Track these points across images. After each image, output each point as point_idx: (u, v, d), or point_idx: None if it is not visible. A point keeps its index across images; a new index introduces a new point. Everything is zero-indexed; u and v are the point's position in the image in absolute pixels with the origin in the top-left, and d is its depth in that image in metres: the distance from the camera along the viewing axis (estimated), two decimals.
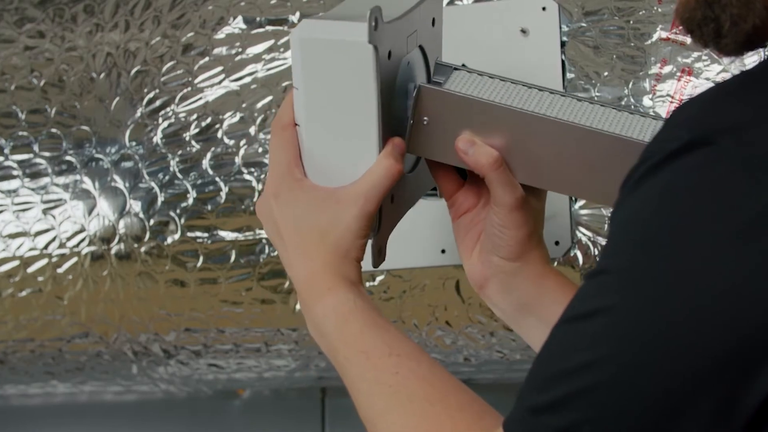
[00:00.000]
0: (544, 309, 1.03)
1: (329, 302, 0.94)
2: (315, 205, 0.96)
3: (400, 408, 0.88)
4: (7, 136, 1.53)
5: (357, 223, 0.95)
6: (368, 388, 0.90)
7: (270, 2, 1.41)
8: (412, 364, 0.90)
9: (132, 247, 1.45)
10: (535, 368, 0.77)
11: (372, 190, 0.95)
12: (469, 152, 0.99)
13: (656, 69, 1.23)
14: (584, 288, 0.75)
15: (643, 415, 0.71)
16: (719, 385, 0.70)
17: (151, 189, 1.44)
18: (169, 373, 1.55)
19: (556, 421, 0.73)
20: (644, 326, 0.71)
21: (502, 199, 1.00)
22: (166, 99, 1.44)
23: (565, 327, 0.75)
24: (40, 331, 1.53)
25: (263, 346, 1.46)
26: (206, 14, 1.44)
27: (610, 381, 0.71)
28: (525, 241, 1.02)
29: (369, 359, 0.91)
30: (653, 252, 0.71)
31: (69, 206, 1.49)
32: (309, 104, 0.97)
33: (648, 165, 0.73)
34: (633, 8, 1.24)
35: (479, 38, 1.30)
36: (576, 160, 0.99)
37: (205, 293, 1.43)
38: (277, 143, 0.99)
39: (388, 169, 0.96)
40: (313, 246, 0.95)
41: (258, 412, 1.93)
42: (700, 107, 0.74)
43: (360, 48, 0.93)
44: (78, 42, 1.51)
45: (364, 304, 0.94)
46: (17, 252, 1.52)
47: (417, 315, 1.35)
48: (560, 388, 0.73)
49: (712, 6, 0.79)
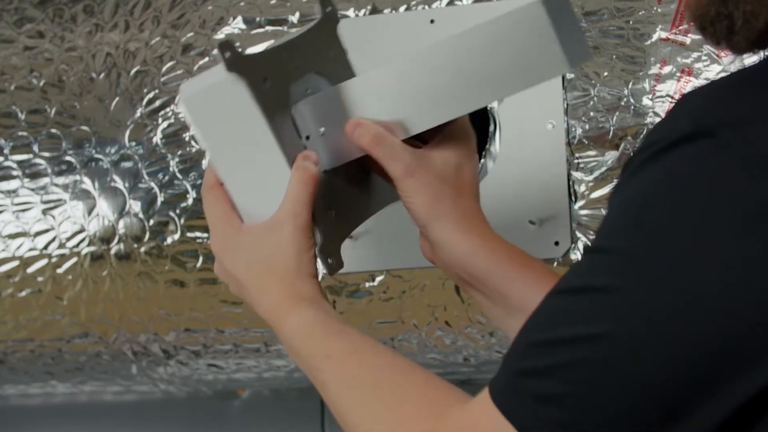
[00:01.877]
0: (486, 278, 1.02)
1: (292, 323, 0.97)
2: (256, 243, 1.00)
3: (367, 396, 0.90)
4: (7, 137, 1.53)
5: (294, 241, 0.98)
6: (337, 387, 0.92)
7: (270, 2, 1.41)
8: (373, 357, 0.93)
9: (132, 247, 1.45)
10: (524, 333, 0.78)
11: (296, 205, 0.98)
12: (355, 134, 1.01)
13: (656, 69, 1.23)
14: (581, 263, 0.76)
15: (629, 397, 0.72)
16: (712, 377, 0.71)
17: (151, 189, 1.44)
18: (169, 373, 1.55)
19: (540, 388, 0.74)
20: (637, 310, 0.72)
21: (394, 171, 1.00)
22: (166, 99, 1.44)
23: (558, 298, 0.76)
24: (39, 331, 1.53)
25: (263, 346, 1.46)
26: (206, 14, 1.44)
27: (599, 358, 0.72)
28: (433, 204, 1.01)
29: (333, 361, 0.94)
30: (650, 237, 0.72)
31: (69, 206, 1.49)
32: (215, 156, 1.01)
33: (650, 151, 0.73)
34: (633, 8, 1.24)
35: None
36: (443, 76, 1.00)
37: (204, 293, 1.43)
38: (209, 203, 1.03)
39: (301, 179, 0.98)
40: (265, 279, 0.99)
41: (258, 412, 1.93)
42: (705, 100, 0.75)
43: (228, 82, 0.98)
44: (78, 42, 1.51)
45: (324, 316, 0.97)
46: (17, 252, 1.52)
47: (417, 315, 1.35)
48: (548, 357, 0.74)
49: (726, 3, 0.79)
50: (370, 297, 1.36)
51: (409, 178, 1.00)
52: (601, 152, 1.25)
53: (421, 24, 1.32)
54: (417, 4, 1.34)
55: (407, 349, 1.38)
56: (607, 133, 1.24)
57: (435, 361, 1.40)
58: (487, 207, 1.25)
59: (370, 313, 1.36)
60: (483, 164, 1.30)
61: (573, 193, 1.26)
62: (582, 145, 1.26)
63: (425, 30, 1.32)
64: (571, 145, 1.26)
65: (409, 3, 1.34)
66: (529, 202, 1.28)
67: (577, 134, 1.26)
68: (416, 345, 1.37)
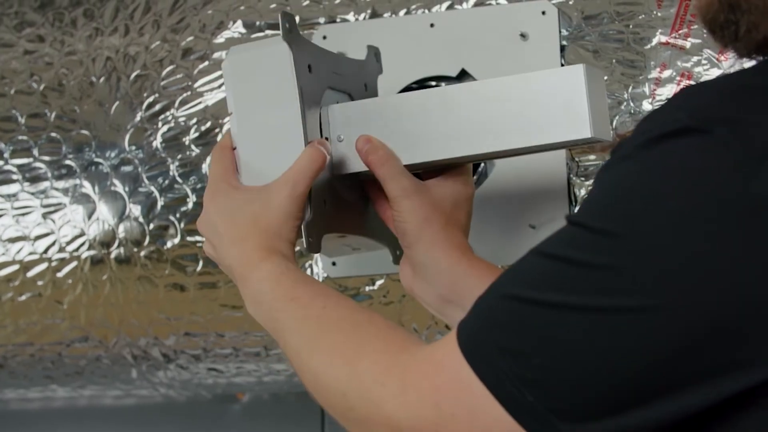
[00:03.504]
0: (464, 296, 1.05)
1: (264, 268, 1.01)
2: (249, 198, 1.04)
3: (327, 333, 0.92)
4: (7, 140, 1.53)
5: (287, 205, 1.03)
6: (297, 325, 0.95)
7: (269, 6, 1.41)
8: (339, 299, 0.96)
9: (132, 251, 1.45)
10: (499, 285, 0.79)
11: (298, 174, 1.03)
12: (364, 149, 1.07)
13: (656, 73, 1.23)
14: (564, 232, 0.77)
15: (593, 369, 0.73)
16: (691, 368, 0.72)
17: (151, 193, 1.44)
18: (169, 377, 1.55)
19: (507, 342, 0.76)
20: (614, 291, 0.73)
21: (393, 191, 1.06)
22: (166, 103, 1.45)
23: (537, 259, 0.78)
24: (39, 335, 1.53)
25: (263, 350, 1.45)
26: (206, 18, 1.44)
27: (570, 327, 0.74)
28: (423, 226, 1.06)
29: (298, 302, 0.97)
30: (636, 221, 0.73)
31: (69, 210, 1.49)
32: (240, 117, 1.07)
33: (645, 138, 0.74)
34: (632, 12, 1.24)
35: (479, 43, 1.30)
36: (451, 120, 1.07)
37: (204, 297, 1.43)
38: (215, 160, 1.09)
39: (311, 155, 1.04)
40: (247, 230, 1.03)
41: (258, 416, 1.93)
42: (704, 96, 0.76)
43: (278, 49, 1.05)
44: (78, 46, 1.51)
45: (295, 268, 1.01)
46: (17, 256, 1.52)
47: (416, 319, 1.35)
48: (518, 314, 0.76)
49: (735, 10, 0.81)
50: (371, 301, 1.36)
51: (405, 199, 1.06)
52: (601, 156, 1.25)
53: (420, 28, 1.32)
54: (417, 8, 1.34)
55: None
56: None
57: None
58: (487, 211, 1.25)
59: None
60: (483, 168, 1.30)
61: (573, 197, 1.27)
62: (582, 149, 1.26)
63: (425, 34, 1.32)
64: (571, 149, 1.26)
65: (409, 7, 1.34)
66: (530, 205, 1.28)
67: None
68: None
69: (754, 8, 0.80)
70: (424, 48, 1.32)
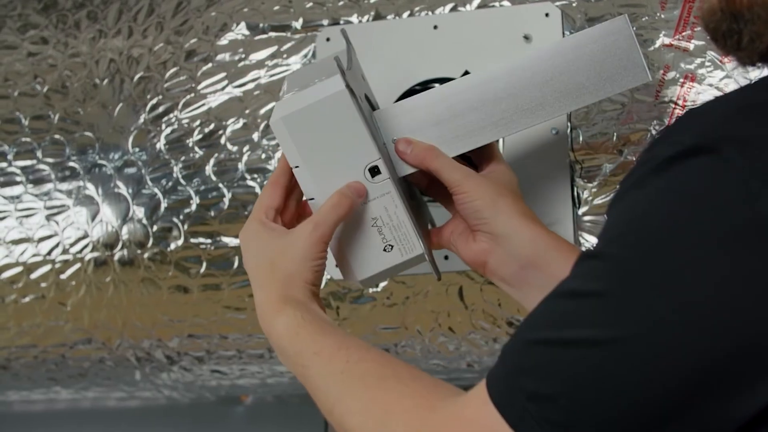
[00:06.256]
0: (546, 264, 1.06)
1: (280, 322, 1.01)
2: (272, 241, 1.05)
3: (353, 388, 0.92)
4: (11, 142, 1.53)
5: (306, 247, 1.03)
6: (324, 382, 0.95)
7: (273, 8, 1.41)
8: (361, 352, 0.95)
9: (135, 253, 1.45)
10: (522, 332, 0.79)
11: (321, 217, 1.04)
12: (407, 152, 1.08)
13: (659, 75, 1.23)
14: (579, 267, 0.78)
15: (619, 400, 0.73)
16: (705, 393, 0.72)
17: (155, 195, 1.44)
18: (172, 379, 1.55)
19: (534, 387, 0.76)
20: (630, 317, 0.73)
21: (450, 178, 1.07)
22: (169, 105, 1.45)
23: (556, 300, 0.78)
24: (43, 337, 1.53)
25: (266, 352, 1.46)
26: (209, 20, 1.44)
27: (592, 361, 0.74)
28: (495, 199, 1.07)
29: (321, 357, 0.96)
30: (648, 247, 0.73)
31: (72, 212, 1.49)
32: (311, 168, 1.06)
33: (653, 164, 0.74)
34: (636, 14, 1.24)
35: (482, 45, 1.30)
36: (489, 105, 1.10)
37: (208, 299, 1.43)
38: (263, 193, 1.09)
39: (333, 201, 1.04)
40: (264, 277, 1.04)
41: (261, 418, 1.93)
42: (709, 116, 0.76)
43: (337, 95, 1.04)
44: (81, 48, 1.51)
45: (311, 317, 1.01)
46: (20, 258, 1.52)
47: (420, 321, 1.35)
48: (543, 357, 0.76)
49: (738, 20, 0.81)
50: (374, 303, 1.36)
51: (470, 179, 1.07)
52: (605, 158, 1.25)
53: (424, 30, 1.33)
54: (420, 10, 1.34)
55: (410, 355, 1.38)
56: (611, 139, 1.24)
57: (438, 367, 1.40)
58: None
59: (374, 319, 1.36)
60: None
61: (576, 199, 1.26)
62: (585, 151, 1.26)
63: (428, 36, 1.32)
64: (575, 151, 1.26)
65: (413, 9, 1.34)
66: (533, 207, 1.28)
67: (580, 140, 1.26)
68: (419, 351, 1.37)
69: (757, 18, 0.80)
70: (427, 50, 1.32)
